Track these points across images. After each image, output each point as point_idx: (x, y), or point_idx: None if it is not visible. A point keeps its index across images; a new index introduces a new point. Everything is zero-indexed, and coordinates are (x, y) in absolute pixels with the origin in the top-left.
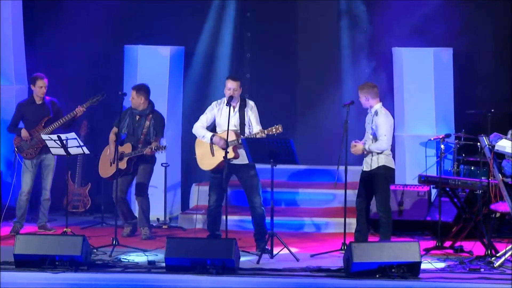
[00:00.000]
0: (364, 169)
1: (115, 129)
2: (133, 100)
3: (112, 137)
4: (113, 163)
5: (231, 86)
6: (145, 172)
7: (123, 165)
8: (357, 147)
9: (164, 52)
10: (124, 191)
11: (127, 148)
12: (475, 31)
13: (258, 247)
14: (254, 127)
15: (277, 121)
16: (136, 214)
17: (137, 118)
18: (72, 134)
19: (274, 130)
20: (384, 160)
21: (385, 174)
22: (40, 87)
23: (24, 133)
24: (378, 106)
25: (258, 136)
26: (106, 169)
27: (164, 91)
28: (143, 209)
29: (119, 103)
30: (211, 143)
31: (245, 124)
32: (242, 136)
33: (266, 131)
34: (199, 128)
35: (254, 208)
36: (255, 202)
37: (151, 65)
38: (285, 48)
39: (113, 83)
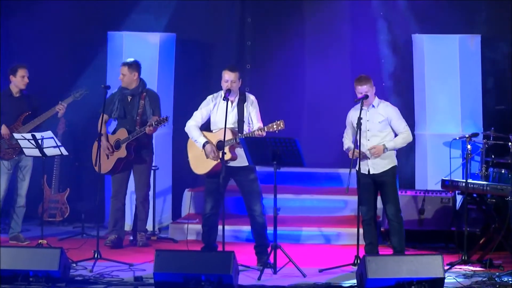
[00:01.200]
0: (370, 172)
1: (105, 117)
2: (124, 77)
3: (102, 126)
4: (110, 155)
5: (229, 77)
6: (145, 168)
7: (122, 153)
8: (377, 148)
9: (153, 39)
10: (123, 187)
11: (121, 133)
12: (507, 16)
13: (260, 261)
14: (255, 124)
15: (280, 119)
16: (126, 220)
17: (129, 99)
18: (49, 133)
19: (275, 126)
20: (394, 159)
21: (395, 175)
22: (22, 77)
23: (4, 129)
24: (377, 98)
25: (256, 134)
26: (103, 163)
27: (153, 83)
28: (145, 210)
29: (102, 97)
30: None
31: (243, 121)
32: (240, 135)
33: (265, 128)
34: (193, 128)
35: (254, 217)
36: (255, 210)
37: (138, 54)
38: (290, 35)
39: (95, 75)
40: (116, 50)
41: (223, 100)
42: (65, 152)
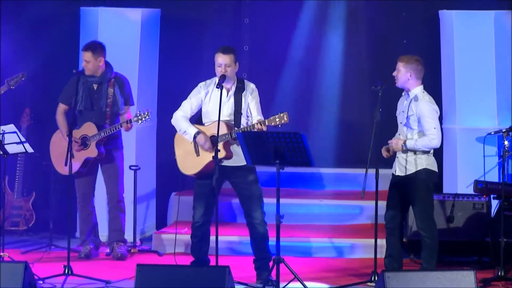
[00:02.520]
0: (396, 174)
1: (63, 107)
2: (88, 64)
3: (60, 119)
4: (76, 152)
5: (222, 61)
6: (115, 165)
7: (91, 152)
8: (394, 141)
9: (134, 16)
10: (91, 189)
11: (89, 129)
12: None
13: (260, 277)
14: (254, 117)
15: (284, 110)
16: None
17: (94, 87)
18: (11, 127)
19: (277, 120)
20: (425, 161)
21: (427, 180)
22: None
23: None
24: (419, 89)
25: (256, 128)
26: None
27: (134, 68)
28: (120, 216)
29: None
30: (195, 142)
31: (241, 113)
32: (236, 129)
33: (267, 122)
34: (181, 119)
35: (253, 226)
36: (255, 217)
37: (116, 33)
38: (295, 12)
39: (65, 57)
40: (91, 28)
41: (217, 87)
42: (30, 150)
